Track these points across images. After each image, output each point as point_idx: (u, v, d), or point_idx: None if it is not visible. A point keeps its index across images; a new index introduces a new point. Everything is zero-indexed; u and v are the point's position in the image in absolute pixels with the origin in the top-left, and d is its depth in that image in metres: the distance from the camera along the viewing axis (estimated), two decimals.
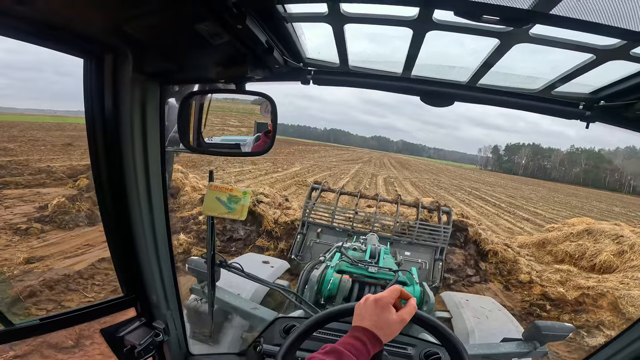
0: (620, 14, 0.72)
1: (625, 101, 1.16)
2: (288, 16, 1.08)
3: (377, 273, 2.47)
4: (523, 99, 1.35)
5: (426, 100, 1.41)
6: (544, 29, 0.90)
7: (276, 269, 3.63)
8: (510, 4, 0.75)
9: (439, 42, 1.08)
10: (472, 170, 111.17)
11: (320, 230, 5.91)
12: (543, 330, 1.90)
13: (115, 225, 1.26)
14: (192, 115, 1.34)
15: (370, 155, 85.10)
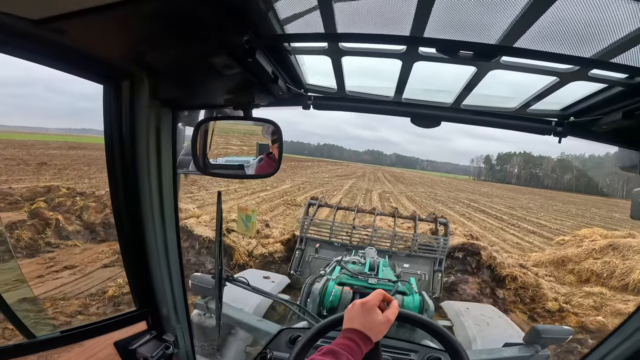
0: (572, 44, 0.84)
1: (591, 117, 1.29)
2: (292, 49, 1.20)
3: (376, 284, 2.55)
4: (502, 118, 1.48)
5: (416, 122, 1.52)
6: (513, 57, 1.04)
7: (277, 284, 3.70)
8: (482, 40, 0.89)
9: (426, 69, 1.19)
10: (466, 180, 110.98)
11: (318, 246, 5.88)
12: (543, 334, 1.97)
13: (130, 242, 1.32)
14: (207, 139, 1.41)
15: (364, 169, 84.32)
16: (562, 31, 0.78)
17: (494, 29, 0.83)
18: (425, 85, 1.46)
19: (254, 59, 0.95)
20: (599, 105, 1.24)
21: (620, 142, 1.35)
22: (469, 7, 0.78)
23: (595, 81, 1.08)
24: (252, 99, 1.26)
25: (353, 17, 0.87)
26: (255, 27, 0.90)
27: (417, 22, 0.82)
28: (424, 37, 0.89)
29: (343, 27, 0.91)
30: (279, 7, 0.88)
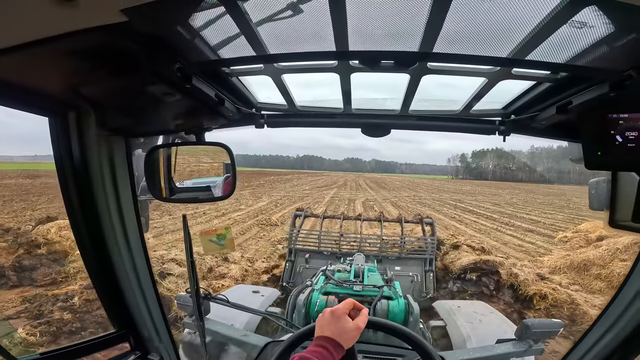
0: (485, 45, 0.84)
1: (529, 114, 1.34)
2: (232, 72, 1.23)
3: (362, 291, 2.62)
4: (448, 121, 1.50)
5: (366, 132, 1.54)
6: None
7: (267, 298, 3.66)
8: (401, 49, 0.90)
9: (367, 79, 1.21)
10: (446, 180, 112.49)
11: (308, 256, 5.89)
12: (533, 328, 1.97)
13: (98, 269, 1.35)
14: (161, 166, 1.42)
15: (345, 178, 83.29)
16: (472, 33, 0.80)
17: (411, 36, 0.84)
18: (373, 95, 1.53)
19: (192, 84, 0.99)
20: (534, 102, 1.28)
21: (560, 136, 1.38)
22: (383, 18, 0.78)
23: (521, 79, 1.13)
24: (200, 123, 1.35)
25: (279, 37, 0.89)
26: (185, 55, 0.93)
27: (338, 36, 0.84)
28: (348, 51, 0.91)
29: (273, 47, 0.93)
30: (206, 34, 0.87)
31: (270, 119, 1.56)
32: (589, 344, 1.45)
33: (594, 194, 1.28)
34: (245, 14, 0.77)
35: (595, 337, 1.43)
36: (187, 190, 1.53)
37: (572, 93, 1.07)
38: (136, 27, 0.73)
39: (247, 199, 27.01)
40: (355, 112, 1.51)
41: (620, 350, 1.36)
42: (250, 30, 0.83)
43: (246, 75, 1.27)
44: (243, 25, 0.82)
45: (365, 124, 1.52)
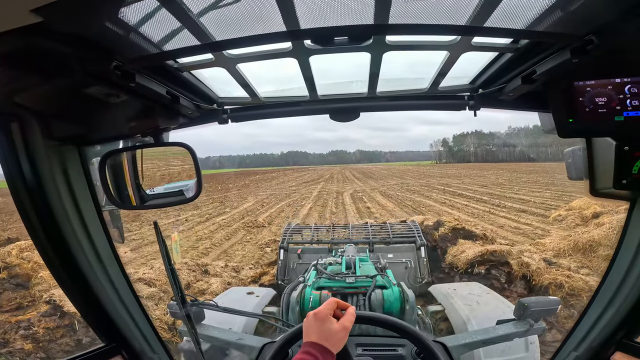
0: (441, 13, 0.80)
1: (496, 86, 1.31)
2: (181, 67, 1.14)
3: (355, 282, 2.55)
4: (418, 100, 1.48)
5: (335, 117, 1.51)
6: (398, 36, 1.01)
7: (262, 298, 3.58)
8: (355, 22, 0.84)
9: (328, 62, 1.15)
10: (431, 165, 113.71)
11: (300, 251, 5.71)
12: (531, 307, 1.95)
13: (71, 286, 1.29)
14: (127, 173, 1.37)
15: (331, 171, 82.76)
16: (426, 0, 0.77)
17: (363, 8, 0.79)
18: (338, 79, 1.46)
19: (137, 83, 0.94)
20: (499, 74, 1.26)
21: (530, 107, 1.35)
22: None
23: (482, 50, 1.10)
24: (156, 123, 1.26)
25: (223, 22, 0.83)
26: (121, 52, 0.87)
27: (287, 15, 0.79)
28: (299, 30, 0.86)
29: (218, 34, 0.87)
30: (142, 28, 0.81)
31: (234, 113, 1.51)
32: (590, 323, 1.44)
33: (571, 163, 1.29)
34: (181, 3, 0.74)
35: (596, 314, 1.42)
36: (158, 196, 1.44)
37: (535, 62, 1.06)
38: (55, 26, 0.70)
39: (231, 201, 26.00)
40: (322, 98, 1.47)
41: (625, 325, 1.34)
42: (190, 19, 0.78)
43: (199, 69, 1.18)
44: (181, 15, 0.77)
45: (332, 109, 1.49)
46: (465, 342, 1.97)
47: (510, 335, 1.99)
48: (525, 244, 9.05)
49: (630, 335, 1.34)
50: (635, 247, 1.29)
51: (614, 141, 1.05)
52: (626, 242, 1.34)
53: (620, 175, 1.06)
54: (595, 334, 1.42)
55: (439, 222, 6.71)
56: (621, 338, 1.35)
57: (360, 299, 2.44)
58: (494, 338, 2.00)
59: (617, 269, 1.36)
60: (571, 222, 11.05)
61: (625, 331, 1.35)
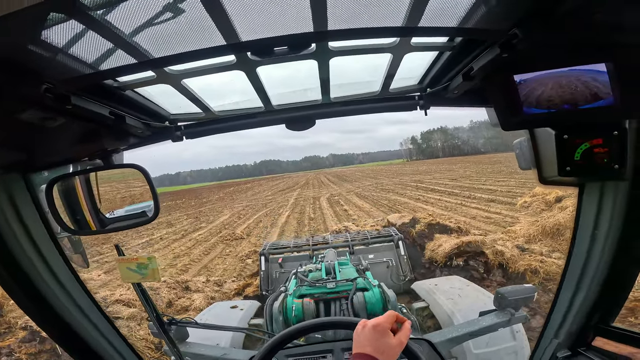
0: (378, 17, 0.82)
1: (442, 85, 1.33)
2: (122, 85, 1.10)
3: (336, 287, 2.55)
4: (371, 103, 1.49)
5: (290, 127, 1.49)
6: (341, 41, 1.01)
7: (246, 311, 3.55)
8: (295, 31, 0.84)
9: (278, 71, 1.16)
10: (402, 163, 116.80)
11: (280, 260, 5.62)
12: (508, 296, 1.99)
13: (40, 315, 1.28)
14: (81, 197, 1.35)
15: (306, 176, 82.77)
16: (361, 5, 0.78)
17: (301, 16, 0.78)
18: (292, 87, 1.47)
19: (73, 105, 0.90)
20: (442, 73, 1.28)
21: (475, 103, 1.38)
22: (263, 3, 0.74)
23: (423, 50, 1.13)
24: (103, 145, 1.23)
25: (159, 39, 0.80)
26: (51, 74, 0.82)
27: (224, 28, 0.77)
28: (239, 43, 0.84)
29: (156, 51, 0.84)
30: (71, 49, 0.77)
31: (188, 129, 1.48)
32: (564, 309, 1.45)
33: (519, 154, 1.32)
34: (108, 25, 0.70)
35: (567, 301, 1.43)
36: (120, 219, 1.41)
37: (471, 59, 1.08)
38: None
39: (207, 215, 25.28)
40: (278, 107, 1.46)
41: (597, 310, 1.35)
42: (122, 39, 0.75)
43: (142, 87, 1.14)
44: (110, 35, 0.74)
45: (288, 119, 1.49)
46: (451, 337, 2.00)
47: (494, 326, 2.02)
48: (497, 233, 9.45)
49: (606, 319, 1.35)
50: (590, 231, 1.30)
51: (553, 131, 1.08)
52: (580, 228, 1.35)
53: (563, 163, 1.08)
54: (571, 320, 1.43)
55: (415, 219, 6.87)
56: (597, 323, 1.36)
57: (343, 304, 2.45)
58: (478, 330, 2.03)
59: (577, 255, 1.37)
60: (537, 207, 11.70)
61: (600, 316, 1.36)
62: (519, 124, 1.05)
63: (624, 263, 1.26)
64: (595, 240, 1.30)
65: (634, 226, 1.21)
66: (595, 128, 1.04)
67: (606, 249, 1.27)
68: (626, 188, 1.18)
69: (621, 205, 1.21)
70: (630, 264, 1.26)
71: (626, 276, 1.29)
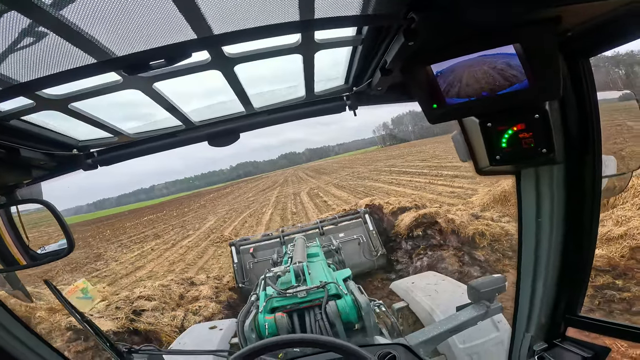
0: (272, 14, 0.77)
1: (364, 83, 1.31)
2: (4, 116, 1.01)
3: (307, 296, 2.45)
4: (298, 109, 1.45)
5: (213, 143, 1.41)
6: (239, 46, 0.94)
7: (226, 330, 3.49)
8: (172, 41, 0.77)
9: (185, 87, 1.12)
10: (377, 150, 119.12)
11: (252, 250, 5.77)
12: (480, 289, 2.02)
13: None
14: (4, 234, 1.27)
15: (285, 174, 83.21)
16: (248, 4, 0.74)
17: (177, 25, 0.72)
18: (210, 101, 1.41)
19: None
20: (362, 69, 1.26)
21: (403, 98, 1.37)
22: (134, 10, 0.66)
23: (331, 47, 1.06)
24: (4, 181, 1.15)
25: (27, 61, 0.73)
26: None
27: (91, 45, 0.72)
28: (111, 59, 0.77)
29: (20, 75, 0.77)
30: None
31: (102, 156, 1.38)
32: (527, 302, 1.40)
33: (457, 147, 1.26)
34: None
35: (528, 293, 1.38)
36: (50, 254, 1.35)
37: (383, 51, 1.06)
38: None
39: (192, 223, 25.65)
40: (199, 124, 1.39)
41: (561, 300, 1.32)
42: None
43: (25, 115, 1.05)
44: None
45: (210, 135, 1.41)
46: (431, 336, 1.97)
47: (472, 320, 2.01)
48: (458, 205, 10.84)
49: (574, 309, 1.31)
50: (534, 219, 1.27)
51: (477, 119, 1.04)
52: (524, 217, 1.30)
53: (492, 152, 1.04)
54: (537, 311, 1.38)
55: (380, 205, 7.78)
56: (565, 314, 1.33)
57: (317, 313, 2.37)
58: (458, 325, 2.01)
59: (527, 246, 1.32)
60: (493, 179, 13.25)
61: (566, 305, 1.32)
62: (444, 116, 1.00)
63: (575, 248, 1.22)
64: (540, 227, 1.26)
65: (575, 210, 1.17)
66: (516, 113, 1.00)
67: (553, 236, 1.24)
68: (561, 172, 1.14)
69: (559, 190, 1.17)
70: (582, 249, 1.21)
71: (581, 260, 1.23)
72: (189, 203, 52.82)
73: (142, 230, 28.09)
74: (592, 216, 1.14)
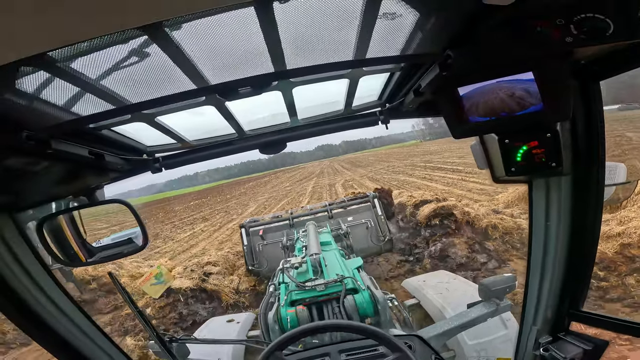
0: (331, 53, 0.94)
1: (398, 100, 1.49)
2: (99, 127, 1.14)
3: (325, 290, 2.58)
4: (336, 122, 1.61)
5: (264, 151, 1.60)
6: None
7: (243, 323, 3.67)
8: (257, 72, 0.93)
9: (247, 102, 1.19)
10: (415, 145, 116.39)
11: (262, 233, 5.92)
12: (492, 287, 2.09)
13: (48, 342, 1.30)
14: (67, 233, 1.39)
15: (321, 166, 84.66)
16: (312, 45, 0.87)
17: (259, 59, 0.87)
18: (262, 114, 1.54)
19: (54, 149, 0.95)
20: (397, 90, 1.43)
21: (429, 114, 1.55)
22: (229, 46, 0.81)
23: (375, 73, 1.24)
24: (86, 183, 1.28)
25: (131, 87, 0.86)
26: (29, 122, 0.87)
27: (193, 75, 0.85)
28: (207, 87, 0.93)
29: (131, 97, 0.90)
30: (47, 97, 0.82)
31: (166, 160, 1.55)
32: (535, 297, 1.50)
33: (476, 156, 1.37)
34: (79, 74, 0.76)
35: (536, 288, 1.48)
36: (107, 247, 1.50)
37: (418, 77, 1.20)
38: None
39: (235, 209, 28.02)
40: (250, 134, 1.55)
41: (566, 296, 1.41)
42: (94, 87, 0.82)
43: (117, 126, 1.22)
44: (82, 84, 0.80)
45: (261, 144, 1.57)
46: (443, 331, 2.06)
47: (483, 317, 2.09)
48: (484, 201, 11.42)
49: (577, 304, 1.40)
50: (543, 223, 1.37)
51: (496, 136, 1.16)
52: (535, 221, 1.41)
53: (508, 164, 1.14)
54: (543, 306, 1.48)
55: (389, 190, 8.61)
56: (569, 308, 1.41)
57: (335, 307, 2.49)
58: (468, 322, 2.09)
59: (536, 246, 1.43)
60: None
61: (570, 301, 1.41)
62: (467, 132, 1.12)
63: (579, 250, 1.34)
64: (549, 231, 1.37)
65: (580, 217, 1.30)
66: (531, 131, 1.11)
67: (560, 239, 1.35)
68: (568, 182, 1.27)
69: (566, 198, 1.30)
70: (585, 250, 1.33)
71: (584, 260, 1.35)
72: (230, 190, 56.44)
73: (190, 213, 31.07)
74: (595, 220, 1.27)
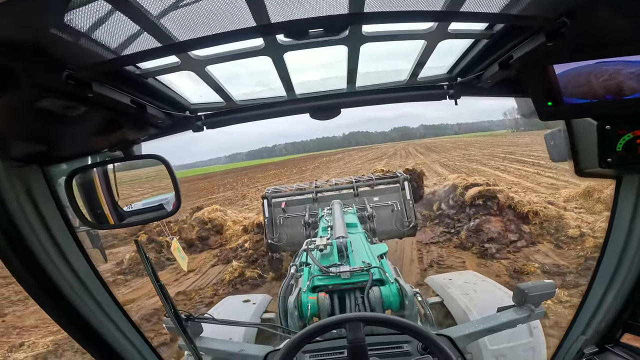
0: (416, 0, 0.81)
1: (474, 74, 1.33)
2: (144, 73, 1.10)
3: (350, 278, 2.39)
4: (398, 92, 1.50)
5: (314, 116, 1.51)
6: (375, 26, 1.00)
7: (259, 305, 3.55)
8: (329, 12, 0.82)
9: (303, 59, 1.12)
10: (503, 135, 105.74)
11: (284, 205, 5.68)
12: (529, 292, 1.92)
13: (57, 310, 1.19)
14: (99, 190, 1.33)
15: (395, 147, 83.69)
16: None
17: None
18: (316, 76, 1.43)
19: (95, 92, 0.89)
20: (476, 61, 1.29)
21: (509, 92, 1.39)
22: None
23: (459, 37, 1.12)
24: (124, 136, 1.19)
25: (185, 22, 0.80)
26: (73, 60, 0.82)
27: (255, 9, 0.77)
28: (271, 24, 0.83)
29: (181, 34, 0.83)
30: (94, 33, 0.78)
31: (209, 119, 1.48)
32: (594, 305, 1.42)
33: (552, 146, 1.27)
34: (135, 5, 0.71)
35: (598, 297, 1.40)
36: (137, 212, 1.41)
37: (511, 47, 1.08)
38: None
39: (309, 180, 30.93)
40: (300, 96, 1.46)
41: (628, 306, 1.32)
42: (148, 20, 0.75)
43: (165, 74, 1.14)
44: (136, 17, 0.74)
45: (312, 107, 1.48)
46: (469, 332, 1.96)
47: (513, 322, 1.97)
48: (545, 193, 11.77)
49: (636, 316, 1.32)
50: (627, 226, 1.27)
51: (595, 121, 1.04)
52: (617, 222, 1.31)
53: (604, 154, 1.04)
54: (601, 316, 1.39)
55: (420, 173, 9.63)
56: (627, 319, 1.33)
57: (358, 297, 2.32)
58: (497, 326, 1.97)
59: (612, 250, 1.33)
60: None
61: (630, 312, 1.33)
62: (558, 114, 1.02)
63: None
64: (631, 235, 1.26)
65: None
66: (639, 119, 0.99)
67: None
68: None
69: None
70: None
71: None
72: (305, 164, 60.66)
73: (270, 180, 35.15)
74: None
